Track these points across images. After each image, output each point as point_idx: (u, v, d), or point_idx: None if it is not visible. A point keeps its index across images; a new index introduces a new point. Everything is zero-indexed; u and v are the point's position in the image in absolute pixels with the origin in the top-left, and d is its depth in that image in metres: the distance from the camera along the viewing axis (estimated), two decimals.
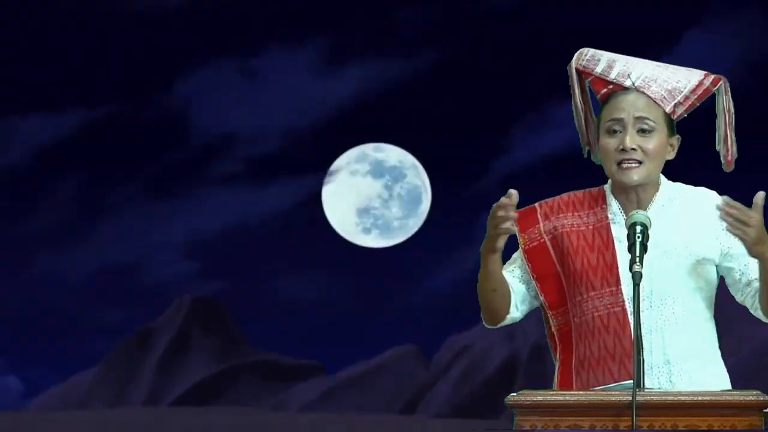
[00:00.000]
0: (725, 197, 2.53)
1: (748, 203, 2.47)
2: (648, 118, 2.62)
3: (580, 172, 2.89)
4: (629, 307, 2.58)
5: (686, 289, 2.60)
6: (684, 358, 2.58)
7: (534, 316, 2.88)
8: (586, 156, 2.77)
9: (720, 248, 2.63)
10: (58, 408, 31.03)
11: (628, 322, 2.57)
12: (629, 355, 2.53)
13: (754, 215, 2.46)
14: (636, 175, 2.61)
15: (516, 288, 2.75)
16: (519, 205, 2.62)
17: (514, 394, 2.34)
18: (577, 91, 2.74)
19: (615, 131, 2.63)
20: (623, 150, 2.60)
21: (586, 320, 2.63)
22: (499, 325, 2.79)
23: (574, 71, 2.73)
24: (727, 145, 2.68)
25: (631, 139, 2.60)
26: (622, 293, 2.60)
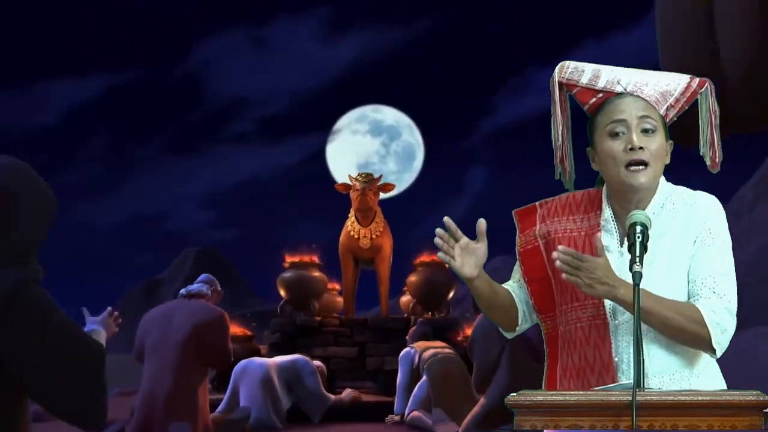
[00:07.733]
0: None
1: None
2: (650, 117, 2.58)
3: None
4: (611, 319, 2.56)
5: (672, 299, 2.49)
6: (671, 369, 2.54)
7: None
8: (557, 178, 2.71)
9: (690, 257, 2.57)
10: None
11: (609, 335, 2.54)
12: (607, 369, 2.52)
13: (588, 260, 2.40)
14: (643, 177, 2.55)
15: (523, 298, 2.73)
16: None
17: (514, 394, 2.30)
18: (558, 104, 2.67)
19: (618, 133, 2.57)
20: (631, 149, 2.54)
21: (569, 330, 2.61)
22: (515, 334, 2.77)
23: (556, 84, 2.68)
24: (714, 147, 2.64)
25: (638, 138, 2.55)
26: (604, 306, 2.56)
